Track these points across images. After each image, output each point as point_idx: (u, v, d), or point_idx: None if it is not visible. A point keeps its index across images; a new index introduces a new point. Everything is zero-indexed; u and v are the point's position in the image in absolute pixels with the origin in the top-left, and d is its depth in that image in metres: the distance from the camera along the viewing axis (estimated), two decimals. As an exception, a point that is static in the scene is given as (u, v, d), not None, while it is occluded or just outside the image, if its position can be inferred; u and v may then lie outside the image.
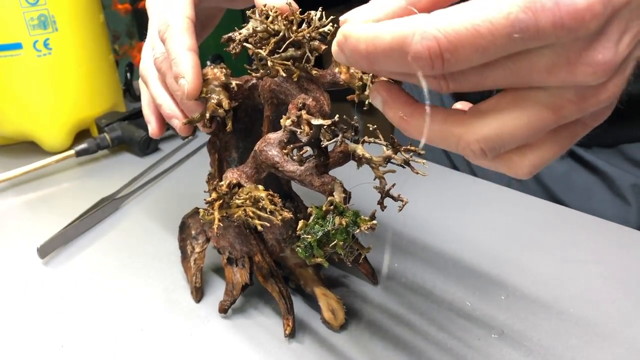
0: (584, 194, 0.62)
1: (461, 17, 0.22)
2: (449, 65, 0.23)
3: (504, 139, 0.25)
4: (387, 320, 0.42)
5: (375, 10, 0.25)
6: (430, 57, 0.23)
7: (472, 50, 0.22)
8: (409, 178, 0.33)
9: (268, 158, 0.33)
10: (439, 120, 0.27)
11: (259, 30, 0.34)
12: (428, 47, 0.22)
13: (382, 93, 0.28)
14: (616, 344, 0.38)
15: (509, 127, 0.25)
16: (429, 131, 0.27)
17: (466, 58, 0.23)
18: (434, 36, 0.22)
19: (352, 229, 0.28)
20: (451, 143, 0.26)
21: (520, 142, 0.26)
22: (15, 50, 0.67)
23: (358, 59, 0.25)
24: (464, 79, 0.25)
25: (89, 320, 0.43)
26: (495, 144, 0.25)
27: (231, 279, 0.42)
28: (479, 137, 0.25)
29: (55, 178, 0.69)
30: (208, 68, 0.42)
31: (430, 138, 0.27)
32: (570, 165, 0.63)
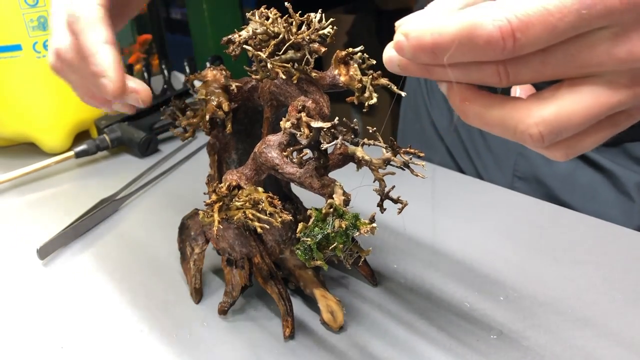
0: (588, 192, 0.62)
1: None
2: (520, 45, 0.24)
3: (562, 124, 0.26)
4: (386, 321, 0.42)
5: (434, 12, 0.26)
6: (503, 37, 0.23)
7: (542, 28, 0.23)
8: (409, 179, 0.33)
9: (268, 160, 0.33)
10: (498, 105, 0.27)
11: (259, 32, 0.34)
12: (500, 27, 0.23)
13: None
14: (616, 344, 0.39)
15: (567, 112, 0.26)
16: (488, 117, 0.27)
17: (536, 37, 0.23)
18: (505, 17, 0.23)
19: (351, 231, 0.28)
20: (509, 128, 0.27)
21: (577, 129, 0.26)
22: (15, 51, 0.67)
23: (421, 54, 0.26)
24: (525, 66, 0.25)
25: (89, 322, 0.43)
26: (554, 129, 0.26)
27: (230, 280, 0.42)
28: (538, 121, 0.26)
29: (55, 179, 0.69)
30: (208, 70, 0.42)
31: (489, 123, 0.27)
32: (575, 164, 0.63)
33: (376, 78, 0.34)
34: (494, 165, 0.70)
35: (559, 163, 0.64)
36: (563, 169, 0.64)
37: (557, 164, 0.64)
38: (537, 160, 0.65)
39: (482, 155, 0.71)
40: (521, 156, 0.66)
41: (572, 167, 0.63)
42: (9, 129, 0.73)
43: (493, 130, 0.28)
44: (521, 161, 0.67)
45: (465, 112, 0.28)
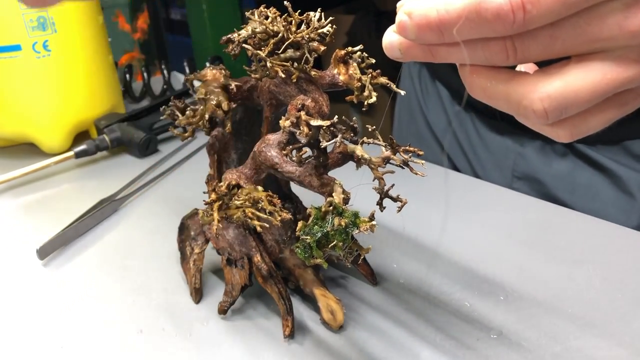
0: (588, 191, 0.62)
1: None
2: (530, 18, 0.23)
3: (567, 100, 0.25)
4: (386, 320, 0.42)
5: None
6: (512, 9, 0.23)
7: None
8: (408, 178, 0.33)
9: (267, 159, 0.33)
10: (503, 79, 0.26)
11: (258, 31, 0.34)
12: (511, 1, 0.23)
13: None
14: (615, 344, 0.38)
15: (574, 87, 0.25)
16: (493, 90, 0.27)
17: (547, 9, 0.23)
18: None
19: (351, 229, 0.28)
20: (513, 103, 0.26)
21: (582, 106, 0.26)
22: (15, 51, 0.67)
23: (427, 33, 0.25)
24: (534, 42, 0.25)
25: (88, 321, 0.43)
26: (559, 105, 0.25)
27: (230, 280, 0.42)
28: (542, 96, 0.25)
29: (55, 179, 0.69)
30: (207, 69, 0.42)
31: (494, 97, 0.27)
32: (575, 163, 0.63)
33: (375, 77, 0.34)
34: (492, 165, 0.70)
35: (558, 163, 0.64)
36: (562, 168, 0.64)
37: (557, 163, 0.64)
38: (536, 160, 0.65)
39: (480, 156, 0.71)
40: (520, 156, 0.66)
41: (571, 167, 0.63)
42: (9, 130, 0.73)
43: (498, 104, 0.27)
44: (520, 161, 0.66)
45: (471, 85, 0.28)
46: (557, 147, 0.64)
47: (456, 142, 0.74)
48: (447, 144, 0.74)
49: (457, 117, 0.73)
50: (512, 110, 0.27)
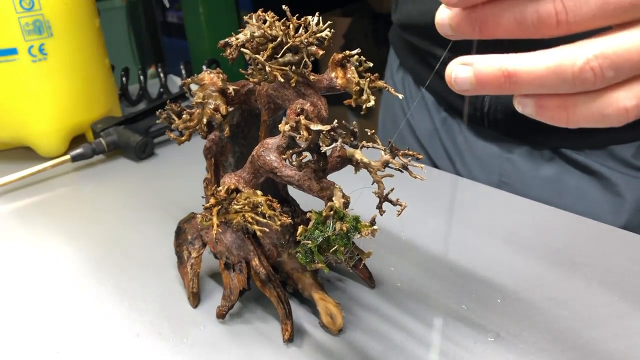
0: (576, 194, 0.63)
1: None
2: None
3: (621, 56, 0.24)
4: (384, 323, 0.42)
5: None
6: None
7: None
8: (406, 181, 0.33)
9: (266, 163, 0.33)
10: (548, 54, 0.25)
11: (257, 35, 0.34)
12: None
13: None
14: (613, 346, 0.39)
15: (625, 46, 0.24)
16: (539, 69, 0.25)
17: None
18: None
19: (352, 234, 0.28)
20: (567, 68, 0.25)
21: (637, 68, 0.25)
22: (10, 55, 0.67)
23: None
24: (586, 3, 0.24)
25: (85, 326, 0.43)
26: (613, 62, 0.24)
27: (228, 284, 0.42)
28: (597, 53, 0.24)
29: (51, 183, 0.69)
30: (204, 73, 0.42)
31: (543, 75, 0.25)
32: (561, 167, 0.63)
33: (374, 80, 0.34)
34: (480, 170, 0.70)
35: (545, 167, 0.64)
36: (549, 173, 0.64)
37: (544, 168, 0.64)
38: (523, 165, 0.66)
39: (467, 161, 0.71)
40: (507, 161, 0.66)
41: (558, 171, 0.64)
42: (5, 133, 0.72)
43: (548, 81, 0.25)
44: (507, 166, 0.67)
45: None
46: (544, 152, 0.64)
47: (442, 148, 0.74)
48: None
49: (444, 124, 0.73)
50: (566, 78, 0.25)
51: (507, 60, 0.26)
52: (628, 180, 0.60)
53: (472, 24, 0.27)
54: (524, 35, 0.26)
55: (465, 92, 0.27)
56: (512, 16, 0.26)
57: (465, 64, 0.27)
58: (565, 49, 0.25)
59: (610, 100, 0.25)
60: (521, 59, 0.26)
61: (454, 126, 0.72)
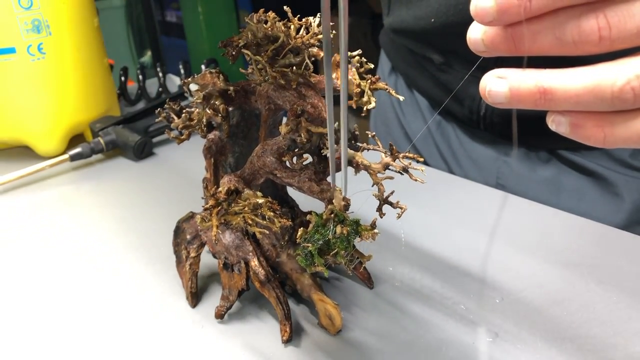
0: (574, 194, 0.63)
1: None
2: None
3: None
4: (383, 324, 0.42)
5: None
6: None
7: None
8: (405, 182, 0.33)
9: (266, 164, 0.33)
10: (586, 72, 0.25)
11: (259, 36, 0.34)
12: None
13: None
14: (610, 347, 0.39)
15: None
16: (576, 87, 0.25)
17: None
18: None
19: (353, 237, 0.28)
20: (606, 88, 0.24)
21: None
22: (9, 54, 0.67)
23: (506, 8, 0.24)
24: (630, 18, 0.23)
25: (83, 326, 0.43)
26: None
27: (227, 284, 0.42)
28: (638, 72, 0.23)
29: (50, 182, 0.68)
30: (205, 73, 0.42)
31: (580, 93, 0.25)
32: (558, 168, 0.63)
33: (374, 82, 0.34)
34: (477, 173, 0.70)
35: (542, 169, 0.64)
36: (547, 174, 0.64)
37: (541, 170, 0.64)
38: (520, 168, 0.66)
39: (463, 164, 0.71)
40: (504, 164, 0.66)
41: (555, 172, 0.64)
42: (3, 133, 0.72)
43: (586, 99, 0.25)
44: (504, 169, 0.67)
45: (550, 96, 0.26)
46: (540, 154, 0.64)
47: (437, 152, 0.74)
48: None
49: (439, 127, 0.73)
50: (605, 98, 0.24)
51: (544, 77, 0.25)
52: (626, 180, 0.60)
53: (508, 41, 0.26)
54: (563, 52, 0.25)
55: (499, 105, 0.27)
56: (551, 33, 0.25)
57: (500, 77, 0.26)
58: (605, 67, 0.25)
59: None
60: (558, 75, 0.25)
61: (449, 129, 0.72)
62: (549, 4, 0.24)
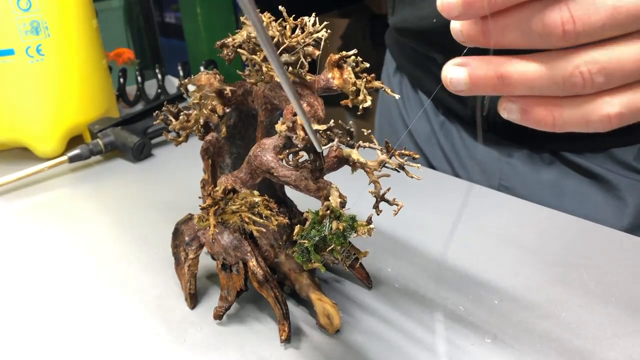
0: (577, 197, 0.62)
1: None
2: None
3: (613, 64, 0.24)
4: (381, 324, 0.42)
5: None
6: None
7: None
8: (403, 182, 0.33)
9: (263, 163, 0.33)
10: (543, 57, 0.25)
11: (253, 36, 0.34)
12: None
13: None
14: (608, 348, 0.39)
15: (619, 54, 0.24)
16: (532, 73, 0.25)
17: None
18: None
19: (349, 233, 0.28)
20: (558, 74, 0.25)
21: (629, 76, 0.24)
22: (8, 56, 0.67)
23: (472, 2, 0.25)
24: (595, 12, 0.24)
25: (83, 327, 0.43)
26: (603, 69, 0.24)
27: (226, 284, 0.42)
28: (589, 59, 0.24)
29: (48, 184, 0.68)
30: (201, 74, 0.42)
31: (535, 78, 0.26)
32: (561, 171, 0.63)
33: (370, 81, 0.34)
34: (479, 174, 0.70)
35: (546, 171, 0.64)
36: (550, 176, 0.64)
37: (544, 172, 0.64)
38: (523, 169, 0.65)
39: (466, 165, 0.71)
40: (507, 165, 0.66)
41: (559, 174, 0.63)
42: (2, 134, 0.72)
43: (540, 83, 0.26)
44: (507, 170, 0.67)
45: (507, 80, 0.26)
46: (544, 156, 0.64)
47: (441, 152, 0.74)
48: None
49: (442, 127, 0.73)
50: (557, 82, 0.25)
51: (501, 63, 0.26)
52: (630, 184, 0.59)
53: (481, 34, 0.27)
54: (531, 46, 0.26)
55: (461, 92, 0.27)
56: (517, 26, 0.25)
57: (460, 65, 0.27)
58: (559, 53, 0.25)
59: (594, 107, 0.26)
60: (515, 61, 0.26)
61: (452, 130, 0.72)
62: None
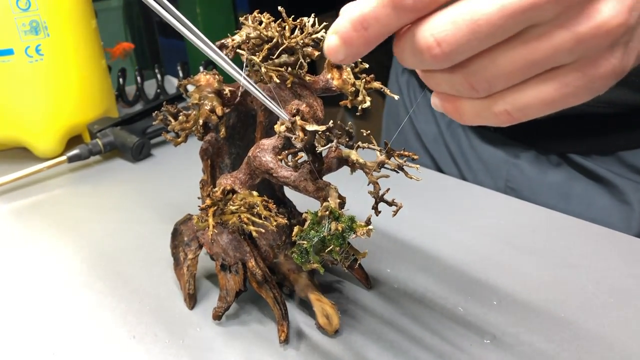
0: (584, 200, 0.62)
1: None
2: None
3: (491, 72, 0.25)
4: (380, 325, 0.42)
5: None
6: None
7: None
8: (402, 183, 0.33)
9: (262, 164, 0.33)
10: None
11: (252, 36, 0.34)
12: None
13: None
14: (607, 348, 0.39)
15: (496, 61, 0.24)
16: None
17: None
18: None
19: (347, 234, 0.28)
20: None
21: (510, 79, 0.25)
22: (7, 56, 0.67)
23: (351, 31, 0.25)
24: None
25: (82, 328, 0.43)
26: (485, 79, 0.25)
27: (225, 285, 0.42)
28: (469, 72, 0.25)
29: (47, 184, 0.68)
30: (201, 74, 0.42)
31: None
32: (568, 173, 0.63)
33: (369, 82, 0.34)
34: (486, 175, 0.70)
35: (552, 173, 0.64)
36: (557, 179, 0.64)
37: (551, 174, 0.64)
38: (530, 171, 0.65)
39: (473, 166, 0.71)
40: (514, 166, 0.66)
41: (566, 177, 0.63)
42: (1, 134, 0.72)
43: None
44: (514, 171, 0.66)
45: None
46: (551, 158, 0.64)
47: (447, 153, 0.74)
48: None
49: (449, 127, 0.73)
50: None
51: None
52: (637, 188, 0.59)
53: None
54: (423, 68, 0.26)
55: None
56: (402, 55, 0.26)
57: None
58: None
59: (487, 106, 0.26)
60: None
61: (459, 130, 0.72)
62: (383, 31, 0.25)
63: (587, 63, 0.24)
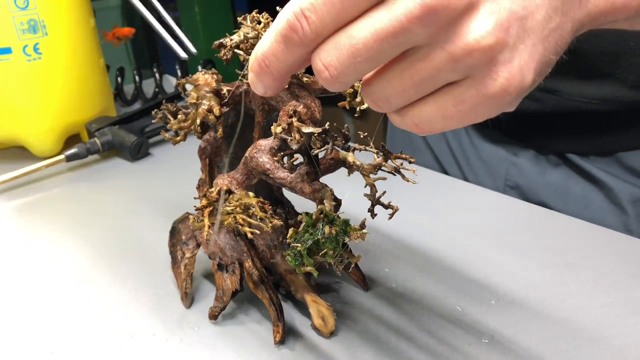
0: (581, 202, 0.62)
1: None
2: (313, 23, 0.24)
3: (387, 91, 0.26)
4: (377, 326, 0.42)
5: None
6: (297, 17, 0.24)
7: (328, 8, 0.24)
8: (401, 183, 0.33)
9: (259, 165, 0.33)
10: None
11: (250, 36, 0.34)
12: (293, 12, 0.24)
13: None
14: (605, 349, 0.39)
15: (389, 82, 0.26)
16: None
17: (325, 12, 0.24)
18: (298, 6, 0.24)
19: (341, 237, 0.28)
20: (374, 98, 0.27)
21: (406, 97, 0.26)
22: (5, 54, 0.67)
23: (257, 69, 0.27)
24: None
25: (79, 327, 0.43)
26: (383, 98, 0.26)
27: (221, 285, 0.42)
28: (368, 92, 0.26)
29: (45, 183, 0.68)
30: (199, 74, 0.42)
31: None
32: (567, 174, 0.63)
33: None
34: (485, 174, 0.70)
35: (551, 173, 0.64)
36: (555, 178, 0.64)
37: (550, 173, 0.64)
38: (529, 170, 0.65)
39: (473, 164, 0.71)
40: (513, 165, 0.66)
41: (564, 177, 0.63)
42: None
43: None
44: (513, 170, 0.67)
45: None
46: (550, 157, 0.64)
47: (449, 150, 0.74)
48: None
49: None
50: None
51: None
52: (631, 193, 0.59)
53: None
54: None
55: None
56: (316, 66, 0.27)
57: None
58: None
59: (403, 118, 0.27)
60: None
61: (461, 128, 0.72)
62: (283, 66, 0.27)
63: (476, 81, 0.25)
